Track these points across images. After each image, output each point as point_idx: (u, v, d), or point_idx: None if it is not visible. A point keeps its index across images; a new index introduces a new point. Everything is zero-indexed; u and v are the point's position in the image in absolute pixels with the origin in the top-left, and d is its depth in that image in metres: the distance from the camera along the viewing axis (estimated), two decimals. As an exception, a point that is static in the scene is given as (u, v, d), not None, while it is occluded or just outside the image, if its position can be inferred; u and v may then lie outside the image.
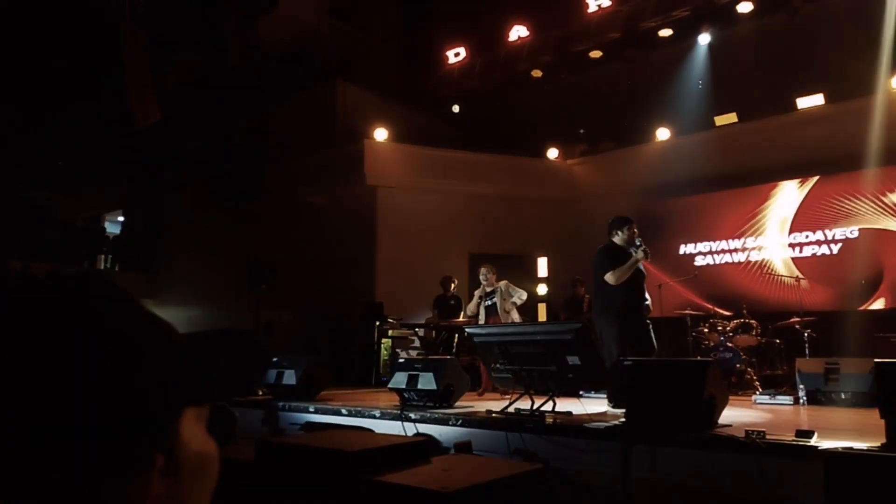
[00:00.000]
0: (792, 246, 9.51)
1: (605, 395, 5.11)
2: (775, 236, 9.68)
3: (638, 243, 5.36)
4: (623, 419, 4.03)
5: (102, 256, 15.48)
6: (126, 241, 15.76)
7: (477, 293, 7.18)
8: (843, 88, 9.31)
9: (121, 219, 16.73)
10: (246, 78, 14.86)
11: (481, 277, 7.16)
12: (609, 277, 5.25)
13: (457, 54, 12.26)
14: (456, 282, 9.37)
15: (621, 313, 5.18)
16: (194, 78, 14.64)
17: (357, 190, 11.60)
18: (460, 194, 11.74)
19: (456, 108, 12.55)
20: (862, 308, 8.71)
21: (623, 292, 5.21)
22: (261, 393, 6.58)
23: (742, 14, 9.59)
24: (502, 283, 7.13)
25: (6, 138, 17.30)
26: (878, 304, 8.72)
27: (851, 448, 2.95)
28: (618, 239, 5.51)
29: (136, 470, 0.49)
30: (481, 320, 6.99)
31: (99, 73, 12.64)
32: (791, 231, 9.58)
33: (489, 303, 7.01)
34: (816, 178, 9.46)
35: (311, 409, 5.68)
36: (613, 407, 4.78)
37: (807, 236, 9.44)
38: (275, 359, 6.58)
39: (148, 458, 0.50)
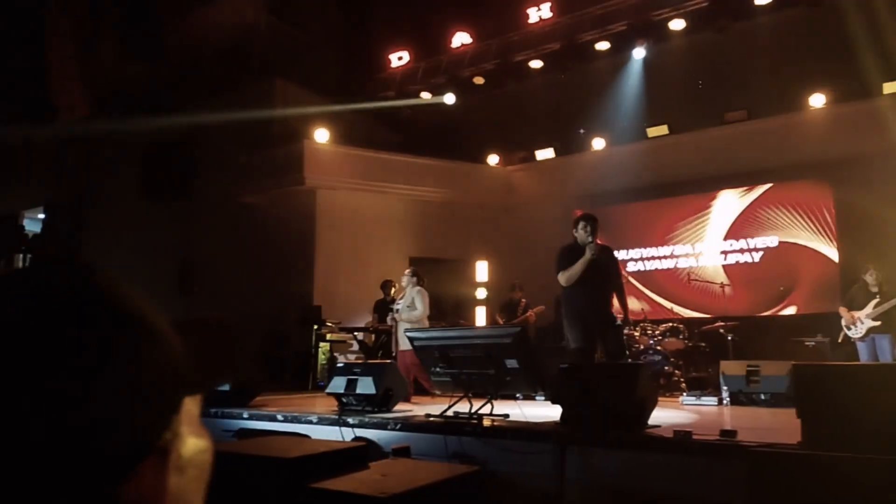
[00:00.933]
0: (721, 253, 9.97)
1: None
2: (703, 244, 10.13)
3: (589, 241, 5.10)
4: (558, 421, 4.11)
5: (21, 255, 14.61)
6: (46, 239, 14.93)
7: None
8: (768, 104, 9.85)
9: (41, 216, 15.83)
10: (179, 72, 14.39)
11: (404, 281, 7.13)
12: (560, 278, 5.11)
13: (399, 58, 12.26)
14: (396, 286, 9.34)
15: (581, 315, 5.02)
16: (125, 70, 14.06)
17: (296, 191, 11.40)
18: (401, 198, 11.72)
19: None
20: (777, 314, 9.22)
21: (581, 294, 5.04)
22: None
23: (675, 31, 10.01)
24: (415, 290, 7.07)
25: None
26: (791, 311, 9.26)
27: (772, 446, 3.12)
28: (577, 237, 5.26)
29: (150, 462, 0.48)
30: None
31: (19, 61, 11.95)
32: (718, 239, 10.04)
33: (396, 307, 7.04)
34: (743, 189, 9.96)
35: (245, 416, 5.53)
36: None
37: (731, 245, 9.92)
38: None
39: (163, 449, 0.49)
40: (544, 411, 4.57)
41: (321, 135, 11.43)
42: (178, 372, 0.52)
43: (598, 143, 11.31)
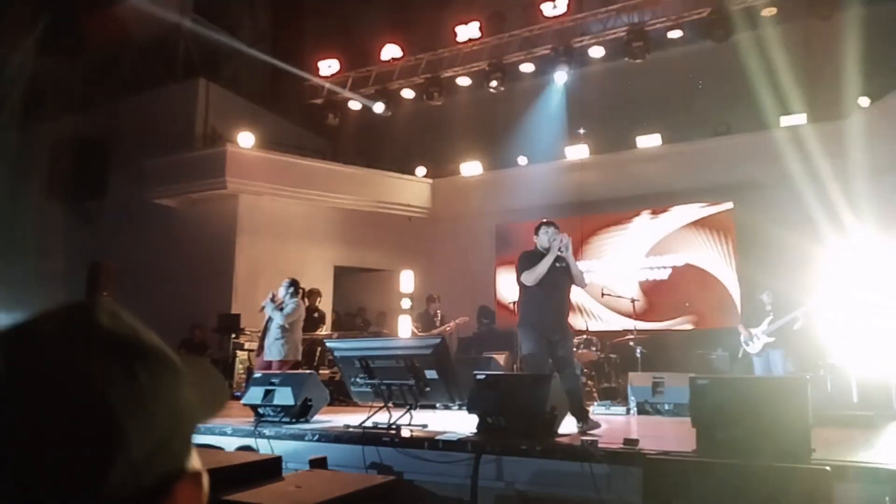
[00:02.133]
0: (634, 270, 10.48)
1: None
2: (617, 261, 10.62)
3: (553, 242, 5.02)
4: (474, 430, 4.22)
5: None
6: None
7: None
8: (680, 130, 10.48)
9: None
10: (97, 68, 13.76)
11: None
12: (525, 279, 5.01)
13: (329, 66, 12.21)
14: (321, 295, 9.27)
15: (535, 322, 5.00)
16: (34, 60, 13.29)
17: (217, 195, 11.11)
18: (326, 206, 11.64)
19: (333, 120, 12.43)
20: (683, 328, 9.79)
21: (537, 301, 5.02)
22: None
23: (594, 58, 10.52)
24: (292, 301, 7.14)
25: None
26: (695, 326, 9.86)
27: (668, 453, 3.34)
28: (538, 243, 5.19)
29: (186, 486, 0.54)
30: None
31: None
32: (631, 255, 10.56)
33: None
34: (654, 208, 10.52)
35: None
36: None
37: (643, 262, 10.46)
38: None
39: (196, 472, 0.55)
40: (462, 420, 4.67)
41: (245, 139, 11.20)
42: (192, 401, 0.57)
43: (521, 160, 11.66)
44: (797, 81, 10.25)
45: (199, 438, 5.06)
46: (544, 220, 5.26)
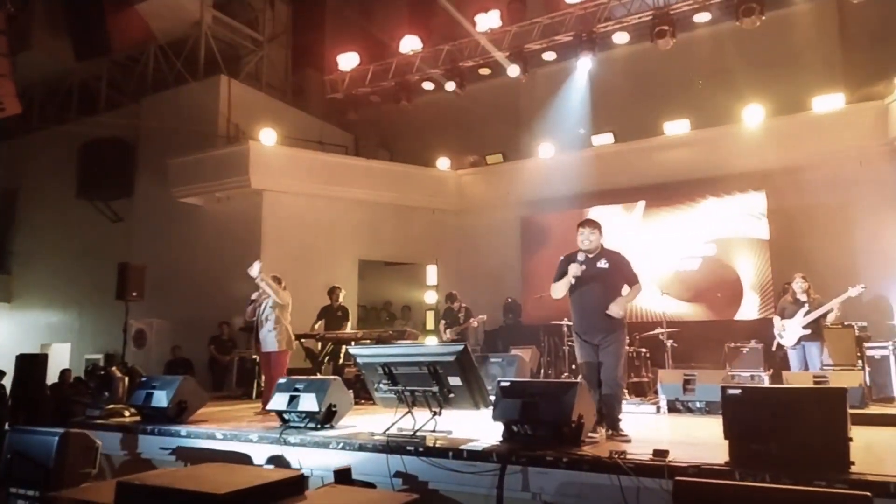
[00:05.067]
0: (663, 260, 10.23)
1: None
2: (646, 251, 10.37)
3: (581, 257, 4.76)
4: (500, 439, 4.15)
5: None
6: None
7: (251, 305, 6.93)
8: (706, 116, 10.17)
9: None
10: (120, 68, 13.90)
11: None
12: (551, 291, 4.84)
13: (349, 60, 12.13)
14: (343, 292, 9.25)
15: (576, 329, 4.86)
16: (60, 65, 13.48)
17: (241, 193, 11.16)
18: (350, 201, 11.62)
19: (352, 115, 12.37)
20: (715, 320, 9.55)
21: (574, 307, 4.84)
22: (127, 414, 6.18)
23: (618, 43, 10.25)
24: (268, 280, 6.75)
25: None
26: (728, 317, 9.59)
27: (699, 467, 3.23)
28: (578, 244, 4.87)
29: None
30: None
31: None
32: (661, 246, 10.31)
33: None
34: (682, 196, 10.25)
35: (184, 433, 5.39)
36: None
37: (673, 252, 10.20)
38: (144, 378, 6.19)
39: None
40: (489, 424, 4.59)
41: (267, 135, 11.21)
42: None
43: (546, 150, 11.46)
44: (832, 61, 9.89)
45: (226, 445, 5.10)
46: (584, 220, 4.95)
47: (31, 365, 9.71)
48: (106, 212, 12.95)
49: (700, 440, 4.58)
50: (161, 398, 5.63)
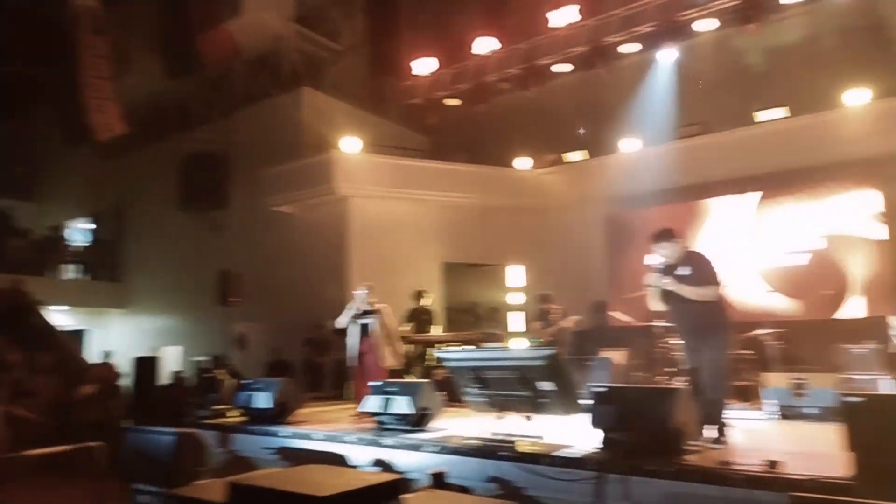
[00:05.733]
0: (763, 256, 9.69)
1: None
2: (743, 247, 9.86)
3: (659, 266, 4.76)
4: (598, 446, 4.06)
5: (65, 266, 15.06)
6: (94, 250, 15.38)
7: (350, 307, 7.01)
8: (801, 103, 9.54)
9: (83, 226, 16.30)
10: (210, 85, 14.62)
11: (357, 295, 6.99)
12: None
13: (426, 64, 12.24)
14: (430, 295, 9.34)
15: (680, 335, 4.98)
16: (157, 85, 14.34)
17: (328, 200, 11.51)
18: (432, 204, 11.73)
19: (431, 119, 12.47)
20: (824, 319, 8.93)
21: (671, 315, 4.91)
22: (233, 415, 6.49)
23: (703, 31, 9.80)
24: (384, 307, 6.98)
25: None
26: (838, 315, 8.94)
27: (819, 479, 3.02)
28: None
29: None
30: (352, 337, 6.90)
31: (61, 80, 12.27)
32: (760, 241, 9.76)
33: (364, 322, 6.87)
34: (783, 189, 9.68)
35: (284, 434, 5.61)
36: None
37: (776, 247, 9.62)
38: (246, 381, 6.49)
39: None
40: (581, 429, 4.49)
41: (350, 143, 11.49)
42: None
43: (630, 145, 11.12)
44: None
45: (323, 446, 5.26)
46: (655, 233, 4.83)
47: (146, 367, 10.47)
48: (205, 222, 13.65)
49: (815, 450, 4.29)
50: (263, 399, 5.88)
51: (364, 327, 6.90)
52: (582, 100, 11.45)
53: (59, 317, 13.09)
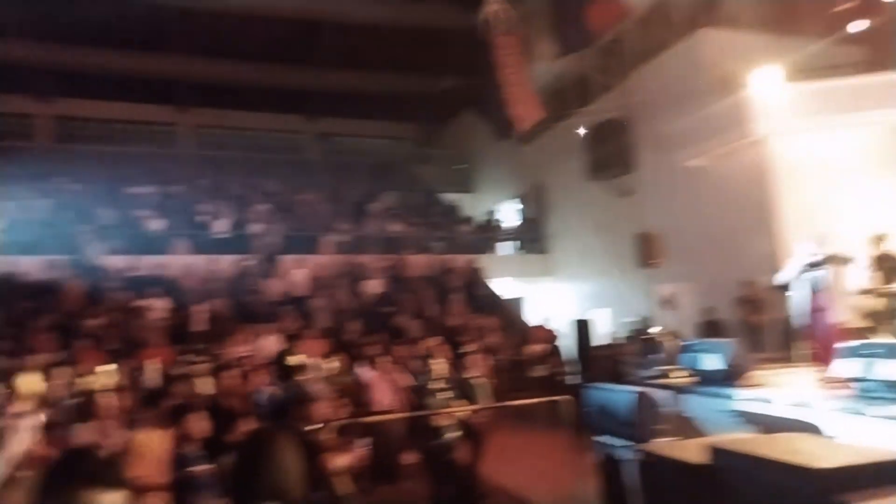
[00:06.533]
0: None
1: None
2: None
3: None
4: None
5: (501, 244, 17.42)
6: (523, 227, 17.50)
7: (794, 261, 6.26)
8: None
9: (512, 208, 18.59)
10: (604, 52, 14.86)
11: (803, 247, 6.17)
12: None
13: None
14: (888, 238, 7.76)
15: None
16: (557, 66, 15.23)
17: (744, 144, 10.57)
18: (879, 127, 9.69)
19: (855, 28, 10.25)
20: None
21: None
22: (678, 375, 6.53)
23: None
24: (839, 256, 6.15)
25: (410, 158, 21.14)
26: None
27: None
28: None
29: None
30: (800, 293, 6.23)
31: (484, 88, 14.08)
32: None
33: (814, 275, 6.11)
34: None
35: (741, 397, 5.39)
36: None
37: None
38: (689, 342, 6.46)
39: None
40: None
41: (763, 76, 10.26)
42: None
43: None
44: None
45: (790, 412, 4.85)
46: None
47: (583, 329, 11.44)
48: (615, 188, 14.05)
49: None
50: (712, 361, 5.77)
51: (814, 281, 6.18)
52: None
53: (501, 287, 15.20)
